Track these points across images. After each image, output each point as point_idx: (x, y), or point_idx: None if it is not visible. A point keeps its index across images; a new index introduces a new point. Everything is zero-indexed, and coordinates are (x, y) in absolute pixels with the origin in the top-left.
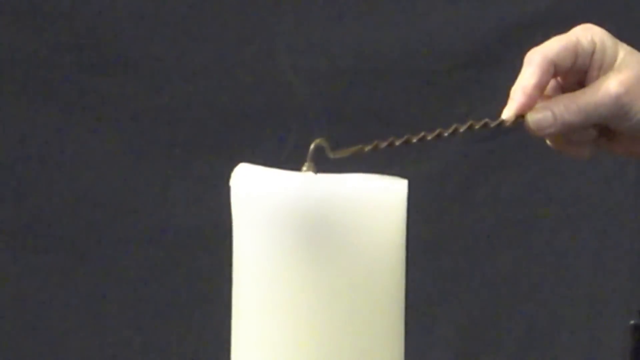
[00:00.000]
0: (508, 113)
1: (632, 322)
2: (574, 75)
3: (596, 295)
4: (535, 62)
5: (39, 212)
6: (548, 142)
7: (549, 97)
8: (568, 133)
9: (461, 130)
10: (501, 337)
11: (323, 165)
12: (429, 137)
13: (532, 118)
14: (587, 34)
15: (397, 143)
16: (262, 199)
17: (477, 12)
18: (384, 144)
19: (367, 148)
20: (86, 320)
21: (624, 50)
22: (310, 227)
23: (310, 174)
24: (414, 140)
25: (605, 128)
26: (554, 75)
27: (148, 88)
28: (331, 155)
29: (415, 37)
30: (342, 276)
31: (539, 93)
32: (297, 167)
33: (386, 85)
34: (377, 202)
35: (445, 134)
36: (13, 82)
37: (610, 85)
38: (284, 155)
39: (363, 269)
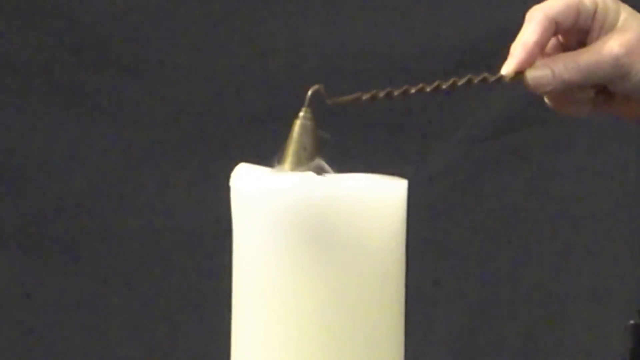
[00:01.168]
0: (507, 69)
1: (632, 322)
2: (575, 34)
3: (596, 295)
4: (536, 19)
5: (39, 212)
6: (546, 100)
7: (549, 55)
8: (566, 92)
9: (459, 83)
10: (501, 337)
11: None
12: (428, 89)
13: (531, 75)
14: None
15: (396, 93)
16: (262, 198)
17: (477, 12)
18: (382, 94)
19: (365, 97)
20: (86, 320)
21: (625, 12)
22: (310, 227)
23: (310, 173)
24: (413, 91)
25: (604, 89)
26: (555, 34)
27: (148, 88)
28: (328, 102)
29: (415, 37)
30: (342, 276)
31: (539, 50)
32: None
33: (386, 85)
34: (377, 202)
35: (444, 87)
36: (13, 81)
37: (611, 46)
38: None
39: (363, 268)
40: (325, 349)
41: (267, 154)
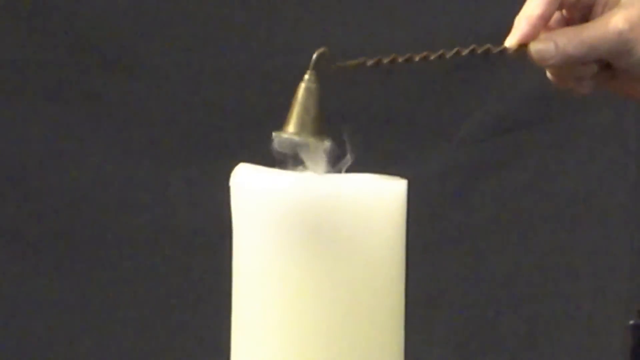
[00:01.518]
0: (511, 41)
1: (632, 322)
2: (579, 9)
3: (596, 295)
4: None
5: (39, 212)
6: (548, 74)
7: (553, 29)
8: (569, 66)
9: (463, 53)
10: (501, 337)
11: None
12: (432, 57)
13: (535, 47)
14: None
15: (400, 60)
16: (262, 198)
17: (477, 12)
18: (386, 60)
19: (370, 62)
20: (86, 320)
21: None
22: (310, 227)
23: (311, 173)
24: (417, 59)
25: (607, 65)
26: (559, 8)
27: (148, 88)
28: (333, 66)
29: (415, 37)
30: (342, 276)
31: (543, 24)
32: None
33: (386, 85)
34: (377, 202)
35: (448, 56)
36: (13, 82)
37: (615, 21)
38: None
39: (363, 269)
40: (325, 349)
41: (267, 154)
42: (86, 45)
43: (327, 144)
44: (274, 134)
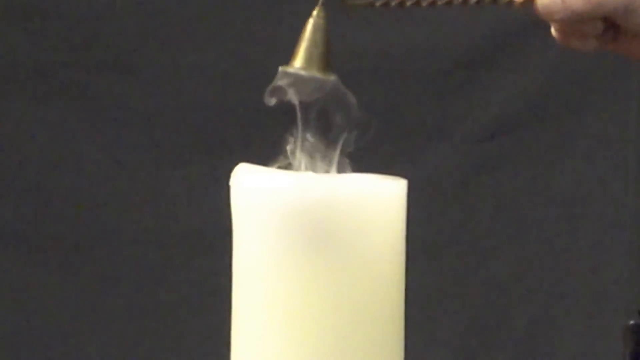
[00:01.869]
0: None
1: (631, 322)
2: None
3: (596, 295)
4: None
5: (39, 212)
6: (553, 31)
7: None
8: (575, 23)
9: (471, 2)
10: (501, 337)
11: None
12: (440, 3)
13: (541, 2)
14: None
15: (408, 4)
16: (262, 198)
17: (476, 13)
18: (394, 2)
19: (379, 3)
20: (86, 320)
21: None
22: (310, 227)
23: (310, 174)
24: (424, 4)
25: (612, 24)
26: None
27: (148, 88)
28: (342, 2)
29: (415, 38)
30: (342, 276)
31: None
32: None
33: (386, 85)
34: (377, 202)
35: (455, 3)
36: (13, 82)
37: None
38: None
39: (363, 269)
40: (325, 349)
41: (267, 154)
42: (86, 45)
43: (333, 79)
44: (280, 68)
